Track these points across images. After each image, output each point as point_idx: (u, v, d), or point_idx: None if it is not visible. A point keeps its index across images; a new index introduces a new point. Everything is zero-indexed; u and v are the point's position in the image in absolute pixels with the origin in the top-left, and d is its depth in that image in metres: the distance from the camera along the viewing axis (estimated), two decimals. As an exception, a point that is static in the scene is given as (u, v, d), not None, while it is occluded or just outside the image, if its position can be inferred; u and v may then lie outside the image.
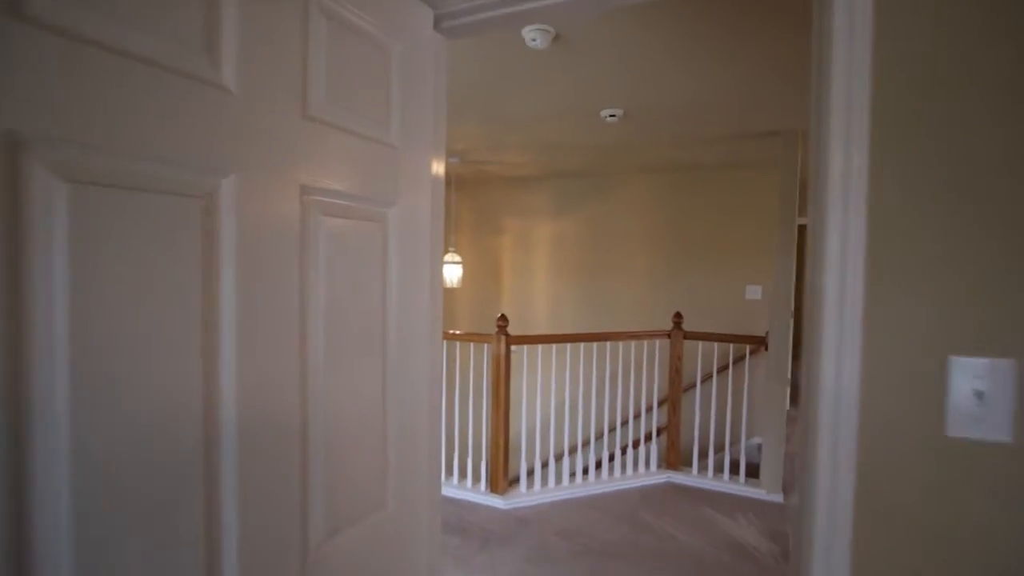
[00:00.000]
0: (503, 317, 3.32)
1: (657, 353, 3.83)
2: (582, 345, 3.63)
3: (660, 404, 4.01)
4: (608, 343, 3.70)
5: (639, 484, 3.64)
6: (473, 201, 5.78)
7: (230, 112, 0.70)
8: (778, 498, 3.45)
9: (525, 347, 3.48)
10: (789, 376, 3.75)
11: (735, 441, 3.94)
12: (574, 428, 4.11)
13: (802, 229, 3.83)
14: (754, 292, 4.71)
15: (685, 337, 3.77)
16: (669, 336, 3.79)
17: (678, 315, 3.79)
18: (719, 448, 3.83)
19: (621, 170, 5.04)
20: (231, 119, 0.70)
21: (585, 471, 3.63)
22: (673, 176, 4.97)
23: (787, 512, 3.30)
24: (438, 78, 1.24)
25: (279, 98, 0.78)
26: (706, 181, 4.87)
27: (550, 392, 3.90)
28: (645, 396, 3.85)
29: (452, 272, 4.51)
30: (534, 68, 2.44)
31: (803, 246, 3.86)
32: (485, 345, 3.40)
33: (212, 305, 0.69)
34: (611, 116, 3.13)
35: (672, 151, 4.16)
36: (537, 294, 5.59)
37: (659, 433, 4.01)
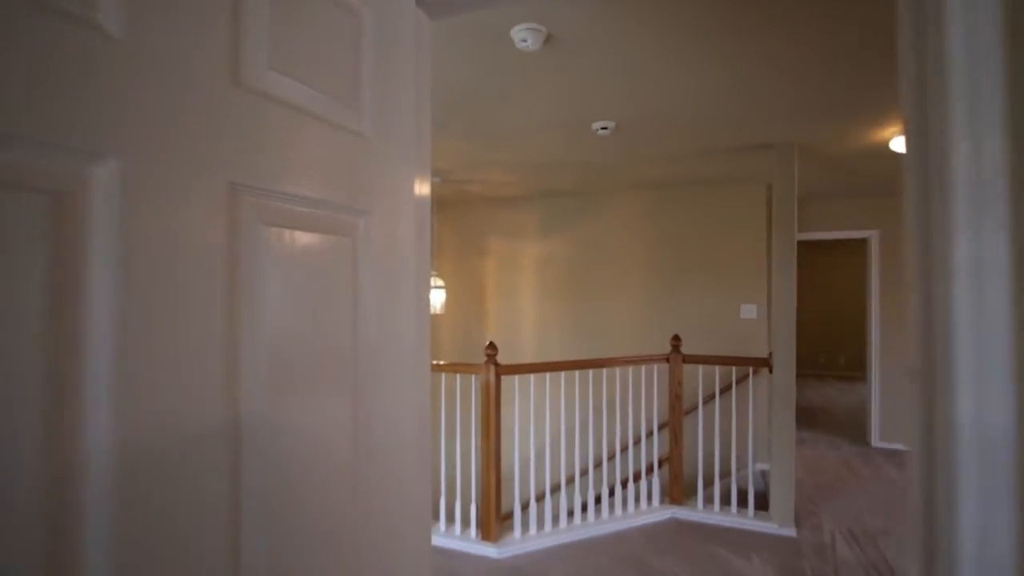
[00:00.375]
0: (492, 345, 3.07)
1: (656, 377, 3.61)
2: (577, 372, 3.39)
3: (660, 428, 3.77)
4: (604, 369, 3.47)
5: (641, 522, 3.36)
6: (456, 223, 5.56)
7: (110, 68, 0.47)
8: (790, 531, 3.21)
9: (516, 377, 3.22)
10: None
11: (740, 467, 3.71)
12: (570, 459, 3.84)
13: (800, 245, 3.67)
14: (749, 311, 4.55)
15: (684, 361, 3.56)
16: (667, 360, 3.57)
17: (676, 338, 3.58)
18: (723, 475, 3.60)
19: (610, 188, 4.88)
20: (111, 79, 0.47)
21: (584, 508, 3.35)
22: (662, 192, 4.83)
23: (801, 546, 3.07)
24: (420, 64, 1.02)
25: (195, 54, 0.55)
26: (695, 197, 4.73)
27: (544, 423, 3.64)
28: (645, 422, 3.61)
29: (435, 297, 4.26)
30: (524, 72, 2.25)
31: (802, 262, 3.74)
32: (472, 376, 3.14)
33: (69, 348, 0.44)
34: (603, 128, 2.95)
35: (662, 166, 4.01)
36: (525, 318, 5.34)
37: (660, 465, 3.75)
